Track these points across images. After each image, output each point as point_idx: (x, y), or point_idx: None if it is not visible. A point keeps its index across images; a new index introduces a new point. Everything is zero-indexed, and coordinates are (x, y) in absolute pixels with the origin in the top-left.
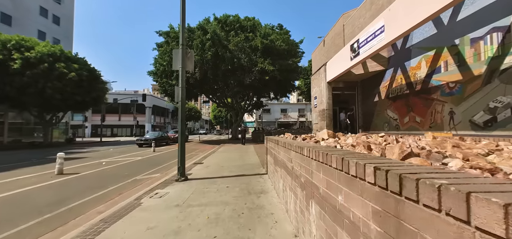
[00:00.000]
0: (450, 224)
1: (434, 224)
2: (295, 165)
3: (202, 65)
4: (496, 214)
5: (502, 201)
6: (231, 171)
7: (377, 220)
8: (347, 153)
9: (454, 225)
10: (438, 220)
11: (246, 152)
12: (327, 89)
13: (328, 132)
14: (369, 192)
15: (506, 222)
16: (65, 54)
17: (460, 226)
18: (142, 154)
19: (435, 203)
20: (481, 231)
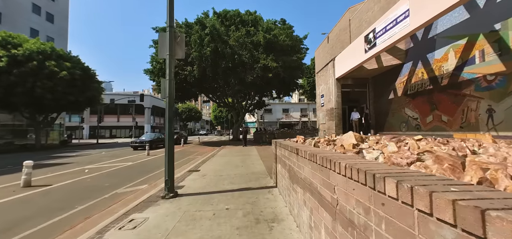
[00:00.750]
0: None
1: None
2: (349, 203)
3: (200, 62)
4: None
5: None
6: (233, 182)
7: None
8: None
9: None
10: None
11: (249, 155)
12: (336, 87)
13: (355, 134)
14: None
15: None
16: (57, 52)
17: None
18: (135, 159)
19: None
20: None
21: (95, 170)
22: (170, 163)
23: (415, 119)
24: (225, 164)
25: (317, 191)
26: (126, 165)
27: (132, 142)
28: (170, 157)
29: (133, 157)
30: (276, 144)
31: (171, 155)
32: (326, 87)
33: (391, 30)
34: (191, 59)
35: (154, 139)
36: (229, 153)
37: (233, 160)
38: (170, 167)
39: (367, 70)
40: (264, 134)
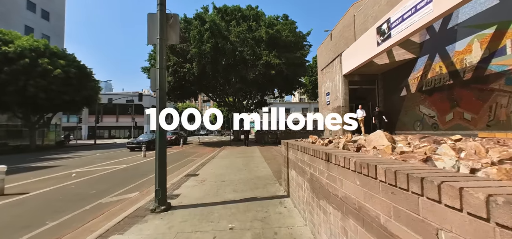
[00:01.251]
0: None
1: None
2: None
3: (200, 59)
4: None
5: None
6: (236, 189)
7: None
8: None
9: None
10: None
11: (252, 156)
12: (343, 84)
13: (385, 134)
14: None
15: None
16: (51, 49)
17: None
18: (130, 161)
19: None
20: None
21: (84, 174)
22: (162, 169)
23: (432, 117)
24: (227, 167)
25: (379, 225)
26: (119, 167)
27: (128, 142)
28: (162, 162)
29: (128, 159)
30: (288, 146)
31: (162, 160)
32: (332, 85)
33: (410, 18)
34: (190, 56)
35: (151, 139)
36: (230, 154)
37: (235, 162)
38: (162, 173)
39: (377, 66)
40: (266, 134)
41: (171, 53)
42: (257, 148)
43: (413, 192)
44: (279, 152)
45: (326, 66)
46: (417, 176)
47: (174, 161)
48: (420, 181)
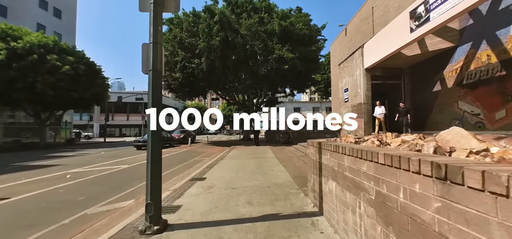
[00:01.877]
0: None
1: None
2: None
3: (209, 54)
4: None
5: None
6: (251, 200)
7: None
8: None
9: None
10: None
11: (264, 157)
12: (364, 79)
13: (471, 134)
14: None
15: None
16: (60, 46)
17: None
18: (132, 160)
19: None
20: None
21: (80, 174)
22: (155, 177)
23: (476, 115)
24: (238, 170)
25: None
26: (120, 168)
27: (135, 141)
28: (155, 168)
29: (131, 158)
30: (321, 147)
31: (156, 165)
32: (351, 80)
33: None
34: (199, 51)
35: None
36: (240, 154)
37: (246, 163)
38: (155, 183)
39: (405, 58)
40: (278, 134)
41: (179, 48)
42: (268, 148)
43: None
44: (293, 153)
45: (344, 60)
46: None
47: (180, 161)
48: None
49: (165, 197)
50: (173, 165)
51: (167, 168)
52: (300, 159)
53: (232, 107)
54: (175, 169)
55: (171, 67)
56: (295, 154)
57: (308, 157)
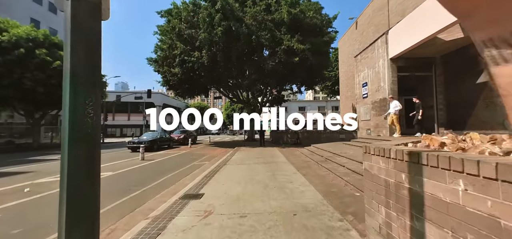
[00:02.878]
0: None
1: None
2: None
3: (210, 46)
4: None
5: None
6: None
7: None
8: None
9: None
10: None
11: (275, 161)
12: (389, 70)
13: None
14: None
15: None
16: (51, 40)
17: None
18: (121, 165)
19: None
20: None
21: (43, 187)
22: (87, 221)
23: None
24: (246, 181)
25: None
26: (102, 176)
27: (129, 142)
28: (90, 197)
29: (121, 163)
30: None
31: (90, 199)
32: (372, 73)
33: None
34: (199, 43)
35: (155, 138)
36: (247, 158)
37: (256, 170)
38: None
39: (440, 44)
40: (285, 134)
41: (177, 40)
42: (276, 149)
43: None
44: (309, 157)
45: (363, 51)
46: None
47: (176, 166)
48: None
49: (137, 235)
50: (167, 172)
51: (158, 176)
52: (321, 165)
53: (235, 106)
54: (168, 177)
55: (170, 62)
56: (312, 158)
57: (370, 174)
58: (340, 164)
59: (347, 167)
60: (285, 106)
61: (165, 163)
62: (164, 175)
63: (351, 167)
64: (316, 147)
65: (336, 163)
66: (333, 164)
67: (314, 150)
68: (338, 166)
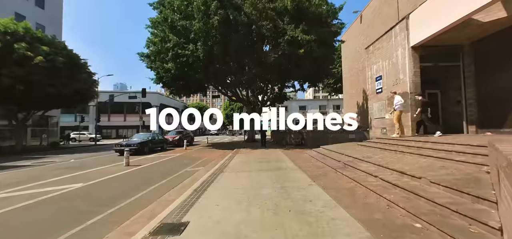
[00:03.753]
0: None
1: None
2: None
3: (206, 38)
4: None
5: None
6: None
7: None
8: None
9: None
10: None
11: (283, 168)
12: (411, 60)
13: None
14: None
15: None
16: (32, 33)
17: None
18: (101, 173)
19: None
20: None
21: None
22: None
23: None
24: (248, 200)
25: None
26: (69, 188)
27: (116, 145)
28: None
29: (99, 171)
30: None
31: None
32: (388, 65)
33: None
34: (194, 34)
35: (146, 140)
36: (248, 163)
37: (259, 182)
38: None
39: (474, 28)
40: (288, 134)
41: (170, 32)
42: (280, 152)
43: None
44: (322, 162)
45: (376, 40)
46: None
47: (163, 175)
48: None
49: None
50: (150, 183)
51: (137, 189)
52: (341, 173)
53: (234, 105)
54: (149, 191)
55: (163, 57)
56: (326, 163)
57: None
58: (368, 173)
59: (381, 178)
60: (285, 106)
61: (152, 170)
62: (145, 187)
63: (387, 178)
64: (327, 149)
65: (361, 170)
66: (357, 172)
67: (325, 153)
68: (365, 175)
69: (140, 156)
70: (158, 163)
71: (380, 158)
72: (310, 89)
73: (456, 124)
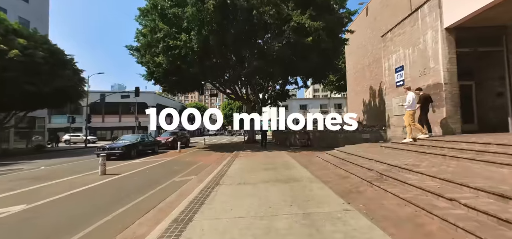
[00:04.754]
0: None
1: None
2: None
3: (200, 26)
4: None
5: None
6: None
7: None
8: None
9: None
10: None
11: (294, 176)
12: (445, 45)
13: None
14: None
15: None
16: (7, 25)
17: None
18: (65, 186)
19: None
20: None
21: None
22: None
23: None
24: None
25: None
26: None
27: (98, 148)
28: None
29: (66, 182)
30: None
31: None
32: (412, 52)
33: None
34: (187, 22)
35: (133, 143)
36: (250, 170)
37: (268, 201)
38: None
39: None
40: (292, 134)
41: (160, 21)
42: (286, 154)
43: None
44: (338, 166)
45: (396, 26)
46: None
47: (143, 189)
48: None
49: None
50: (120, 201)
51: (93, 216)
52: (384, 189)
53: (233, 105)
54: (110, 220)
55: (154, 51)
56: (350, 171)
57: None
58: (428, 191)
59: (465, 204)
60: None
61: (131, 181)
62: (111, 210)
63: (474, 204)
64: (344, 152)
65: (413, 186)
66: (408, 189)
67: (343, 156)
68: (426, 195)
69: (126, 160)
70: (142, 171)
71: (429, 165)
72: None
73: (496, 121)
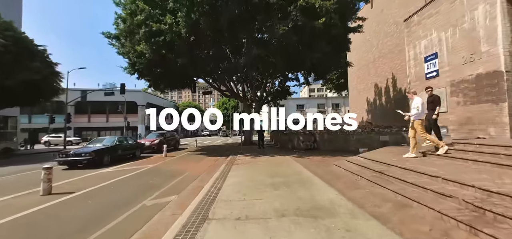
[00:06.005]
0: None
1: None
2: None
3: (189, 8)
4: None
5: None
6: None
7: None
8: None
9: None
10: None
11: (326, 205)
12: (505, 20)
13: None
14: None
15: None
16: None
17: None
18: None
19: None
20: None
21: None
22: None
23: None
24: None
25: None
26: None
27: (60, 153)
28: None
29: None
30: None
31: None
32: (451, 36)
33: None
34: (173, 1)
35: (107, 147)
36: (253, 189)
37: None
38: None
39: None
40: (295, 136)
41: (140, 0)
42: (292, 160)
43: None
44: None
45: (425, 6)
46: None
47: (90, 223)
48: None
49: None
50: None
51: None
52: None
53: (228, 104)
54: None
55: (135, 38)
56: (407, 195)
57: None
58: None
59: None
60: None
61: (80, 207)
62: None
63: None
64: (372, 160)
65: None
66: None
67: (376, 167)
68: None
69: (97, 169)
70: (107, 186)
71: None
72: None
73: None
